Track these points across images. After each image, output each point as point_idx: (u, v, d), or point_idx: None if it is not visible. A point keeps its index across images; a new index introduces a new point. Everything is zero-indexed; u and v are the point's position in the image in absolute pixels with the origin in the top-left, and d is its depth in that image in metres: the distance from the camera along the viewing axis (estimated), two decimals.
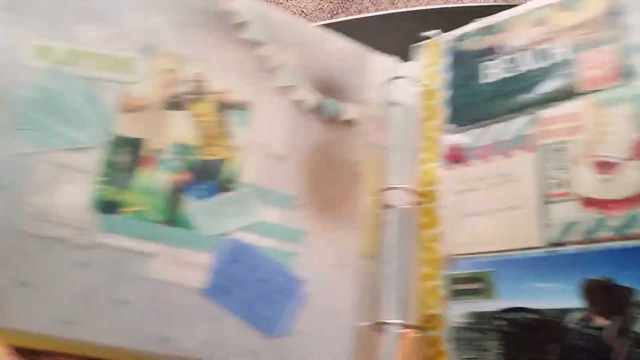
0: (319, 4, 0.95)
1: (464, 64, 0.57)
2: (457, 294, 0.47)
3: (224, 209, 0.45)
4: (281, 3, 1.09)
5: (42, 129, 0.41)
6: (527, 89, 0.51)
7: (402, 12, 0.70)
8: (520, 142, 0.49)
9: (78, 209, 0.41)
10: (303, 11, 1.06)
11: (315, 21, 0.85)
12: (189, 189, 0.45)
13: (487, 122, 0.52)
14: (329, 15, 1.03)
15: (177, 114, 0.47)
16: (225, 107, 0.49)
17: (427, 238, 0.50)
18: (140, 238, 0.42)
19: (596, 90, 0.47)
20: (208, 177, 0.46)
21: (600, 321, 0.40)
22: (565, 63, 0.50)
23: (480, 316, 0.45)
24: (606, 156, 0.44)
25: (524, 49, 0.53)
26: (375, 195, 0.52)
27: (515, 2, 0.62)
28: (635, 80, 0.45)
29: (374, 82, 0.57)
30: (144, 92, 0.46)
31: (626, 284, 0.40)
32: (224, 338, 0.42)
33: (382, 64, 0.59)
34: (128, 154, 0.44)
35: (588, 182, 0.44)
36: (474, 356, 0.44)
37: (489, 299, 0.45)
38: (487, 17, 0.58)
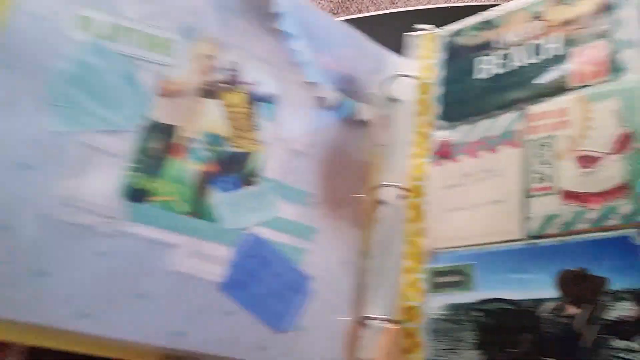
0: (319, 3, 0.86)
1: (459, 59, 0.53)
2: (437, 287, 0.45)
3: (247, 202, 0.42)
4: None
5: (77, 107, 0.36)
6: (519, 84, 0.48)
7: (403, 11, 0.66)
8: (507, 138, 0.46)
9: (106, 196, 0.36)
10: None
11: None
12: (215, 181, 0.41)
13: (477, 118, 0.49)
14: (329, 14, 0.95)
15: (210, 102, 0.42)
16: (255, 99, 0.44)
17: (412, 232, 0.48)
18: (166, 229, 0.38)
19: (584, 86, 0.44)
20: (234, 169, 0.42)
21: (572, 310, 0.39)
22: (557, 58, 0.47)
23: (458, 307, 0.44)
24: (589, 150, 0.42)
25: (518, 44, 0.50)
26: (371, 192, 0.50)
27: None
28: (624, 75, 0.42)
29: (385, 80, 0.54)
30: (181, 77, 0.41)
31: (600, 274, 0.38)
32: (236, 333, 0.39)
33: (391, 62, 0.55)
34: (160, 141, 0.39)
35: (570, 176, 0.42)
36: (449, 347, 0.43)
37: (467, 291, 0.43)
38: (484, 12, 0.54)
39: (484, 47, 0.52)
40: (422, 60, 0.55)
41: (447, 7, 0.69)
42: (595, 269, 0.39)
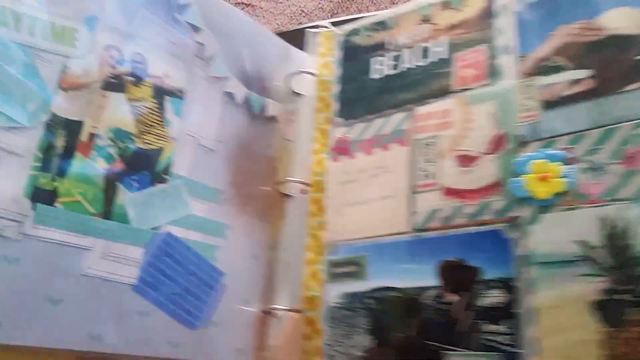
0: (319, 3, 0.82)
1: (355, 59, 0.55)
2: (336, 277, 0.47)
3: (158, 201, 0.41)
4: (281, 2, 0.91)
5: None
6: (408, 86, 0.51)
7: None
8: (398, 136, 0.49)
9: (11, 198, 0.34)
10: (303, 10, 0.90)
11: (316, 20, 0.74)
12: (124, 180, 0.39)
13: (371, 116, 0.51)
14: (330, 14, 0.89)
15: (116, 96, 0.40)
16: (162, 93, 0.43)
17: (314, 226, 0.50)
18: (75, 231, 0.36)
19: (466, 89, 0.47)
20: (143, 167, 0.41)
21: (451, 297, 0.42)
22: (442, 62, 0.50)
23: (353, 296, 0.46)
24: (467, 150, 0.45)
25: (408, 46, 0.52)
26: (278, 187, 0.51)
27: None
28: (500, 79, 0.46)
29: (288, 75, 0.54)
30: (84, 69, 0.38)
31: (475, 264, 0.42)
32: (150, 333, 0.39)
33: (296, 57, 0.56)
34: (65, 138, 0.36)
35: (450, 174, 0.45)
36: (345, 332, 0.46)
37: (361, 280, 0.46)
38: (378, 13, 0.56)
39: (379, 48, 0.54)
40: (321, 57, 0.55)
41: None
42: (471, 259, 0.42)
